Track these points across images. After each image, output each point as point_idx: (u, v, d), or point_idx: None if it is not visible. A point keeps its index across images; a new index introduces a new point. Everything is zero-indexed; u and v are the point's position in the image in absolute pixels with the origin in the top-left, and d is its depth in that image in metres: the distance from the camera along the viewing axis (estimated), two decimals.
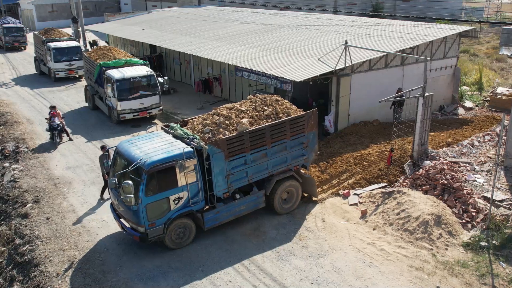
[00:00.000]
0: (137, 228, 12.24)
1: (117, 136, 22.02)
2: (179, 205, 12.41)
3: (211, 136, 12.84)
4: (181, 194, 12.35)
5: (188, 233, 12.97)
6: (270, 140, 13.40)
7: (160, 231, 12.34)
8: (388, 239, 13.01)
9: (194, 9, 42.54)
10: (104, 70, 23.73)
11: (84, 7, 66.30)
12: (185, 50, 26.44)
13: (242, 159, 13.06)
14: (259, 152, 13.30)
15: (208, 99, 27.36)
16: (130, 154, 12.47)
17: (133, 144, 12.99)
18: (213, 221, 13.09)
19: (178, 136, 13.12)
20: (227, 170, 12.84)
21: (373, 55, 20.53)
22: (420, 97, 16.68)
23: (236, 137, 12.80)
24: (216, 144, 12.48)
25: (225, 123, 13.24)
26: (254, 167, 13.37)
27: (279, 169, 13.96)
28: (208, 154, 12.37)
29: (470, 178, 15.84)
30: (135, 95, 23.01)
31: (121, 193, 12.17)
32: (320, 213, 14.55)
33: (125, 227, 12.86)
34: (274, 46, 24.12)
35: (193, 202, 12.61)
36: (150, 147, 12.61)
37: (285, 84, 19.34)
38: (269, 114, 13.82)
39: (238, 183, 13.24)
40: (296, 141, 14.05)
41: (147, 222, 12.05)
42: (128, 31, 36.27)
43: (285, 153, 13.89)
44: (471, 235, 12.81)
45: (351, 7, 56.22)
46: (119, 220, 13.17)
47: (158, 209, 12.15)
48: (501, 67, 36.45)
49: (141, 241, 12.33)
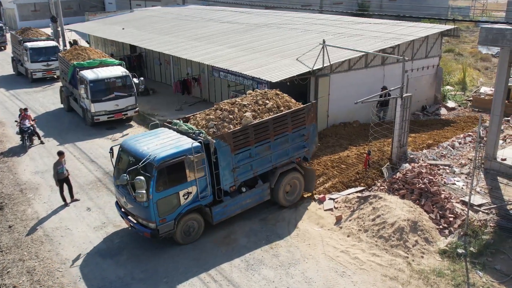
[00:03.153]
0: (148, 225, 12.16)
1: (90, 139, 21.37)
2: (188, 200, 12.44)
3: (216, 130, 12.89)
4: (190, 189, 12.38)
5: (197, 227, 12.99)
6: (273, 132, 13.57)
7: (170, 227, 12.30)
8: (363, 246, 12.50)
9: (176, 9, 41.86)
10: (78, 70, 23.06)
11: (68, 6, 65.53)
12: (163, 50, 25.79)
13: (247, 152, 13.17)
14: (263, 145, 13.44)
15: (187, 100, 26.73)
16: (137, 150, 12.40)
17: (139, 141, 12.94)
18: (221, 215, 13.14)
19: (183, 131, 13.12)
20: (233, 164, 12.91)
21: (352, 54, 20.03)
22: (398, 98, 16.22)
23: (241, 131, 12.91)
24: (222, 138, 12.55)
25: (228, 117, 13.30)
26: (259, 160, 13.50)
27: (282, 162, 14.11)
28: (215, 148, 12.42)
29: (449, 181, 15.41)
30: (110, 97, 22.36)
31: (130, 190, 12.06)
32: (294, 219, 14.02)
33: (134, 225, 12.64)
34: (252, 45, 23.57)
35: (201, 197, 12.64)
36: (157, 143, 12.56)
37: (262, 85, 18.79)
38: (271, 108, 13.94)
39: (243, 176, 13.32)
40: (297, 133, 14.21)
41: (158, 218, 11.98)
42: (108, 30, 35.51)
43: (287, 146, 14.05)
44: (448, 242, 12.34)
45: (337, 6, 55.88)
46: (127, 217, 12.98)
47: (168, 204, 12.13)
48: (485, 66, 36.26)
49: (152, 237, 12.22)
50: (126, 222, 13.20)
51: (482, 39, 13.96)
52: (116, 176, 13.14)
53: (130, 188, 12.08)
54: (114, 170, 13.44)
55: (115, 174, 13.33)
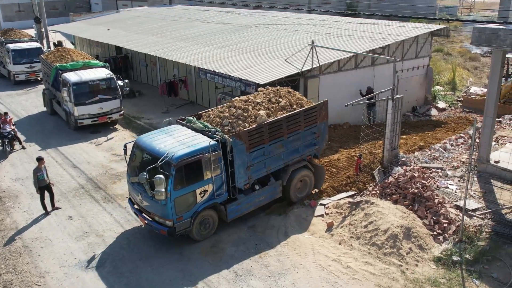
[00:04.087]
0: (165, 223, 12.12)
1: (74, 144, 20.72)
2: (204, 198, 12.45)
3: (231, 128, 12.85)
4: (206, 187, 12.40)
5: (212, 224, 12.99)
6: (287, 131, 13.60)
7: (187, 224, 12.31)
8: (355, 254, 12.06)
9: (163, 9, 41.20)
10: (60, 73, 22.39)
11: (53, 7, 64.50)
12: (150, 51, 25.20)
13: (261, 150, 13.19)
14: (276, 143, 13.48)
15: (174, 102, 26.17)
16: (154, 148, 12.37)
17: (155, 138, 12.91)
18: (235, 212, 13.18)
19: (198, 129, 13.08)
20: (248, 162, 12.94)
21: (342, 55, 19.65)
22: (389, 100, 15.84)
23: (256, 129, 12.92)
24: (238, 136, 12.55)
25: (243, 115, 13.26)
26: (272, 158, 13.56)
27: (293, 159, 14.15)
28: (231, 146, 12.43)
29: (442, 184, 15.05)
30: (94, 99, 21.73)
31: (148, 189, 11.94)
32: (284, 226, 13.55)
33: (149, 222, 12.53)
34: (240, 46, 23.08)
35: (217, 195, 12.68)
36: (173, 141, 12.55)
37: (250, 87, 18.32)
38: (284, 106, 13.97)
39: (257, 174, 13.35)
40: (309, 131, 14.26)
41: (175, 216, 11.99)
42: (93, 31, 34.81)
43: (299, 143, 14.10)
44: (443, 249, 11.94)
45: (325, 6, 55.54)
46: (141, 215, 12.89)
47: (185, 202, 12.14)
48: (474, 66, 36.11)
49: (169, 235, 12.16)
50: (140, 220, 13.16)
51: (475, 39, 13.61)
52: (130, 173, 13.14)
53: (148, 186, 11.95)
54: (128, 168, 13.36)
55: (128, 172, 13.31)
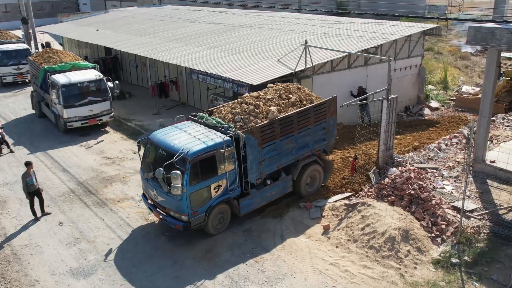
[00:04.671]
0: (180, 217, 12.36)
1: (63, 147, 20.32)
2: (219, 193, 12.69)
3: (243, 124, 13.08)
4: (220, 182, 12.64)
5: (226, 218, 13.23)
6: (297, 126, 13.80)
7: (202, 219, 12.54)
8: (353, 258, 11.87)
9: (153, 9, 40.81)
10: (49, 74, 21.97)
11: (40, 7, 63.79)
12: (140, 52, 24.86)
13: (273, 146, 13.40)
14: (287, 139, 13.69)
15: (165, 104, 25.85)
16: (169, 144, 12.61)
17: (169, 134, 13.14)
18: (248, 206, 13.42)
19: (210, 125, 13.33)
20: (260, 157, 13.13)
21: (335, 55, 19.48)
22: (384, 100, 15.67)
23: (268, 125, 13.12)
24: (251, 132, 12.74)
25: (254, 111, 13.45)
26: (283, 153, 13.76)
27: (303, 154, 14.36)
28: (244, 142, 12.66)
29: (438, 185, 14.91)
30: (83, 102, 21.36)
31: (164, 184, 12.13)
32: (279, 229, 13.31)
33: (165, 217, 12.76)
34: (232, 46, 22.83)
35: (231, 189, 12.94)
36: (187, 137, 12.78)
37: (242, 88, 18.08)
38: (294, 102, 14.15)
39: (269, 169, 13.56)
40: (318, 126, 14.47)
41: (191, 210, 12.21)
42: (82, 32, 34.34)
43: (309, 139, 14.32)
44: (441, 251, 11.78)
45: (315, 6, 55.40)
46: (156, 210, 13.13)
47: (200, 197, 12.37)
48: (465, 65, 36.19)
49: (185, 229, 12.41)
50: (155, 215, 13.36)
51: (471, 38, 13.48)
52: (144, 169, 13.36)
53: (164, 182, 12.10)
54: (142, 164, 13.57)
55: (142, 168, 13.51)
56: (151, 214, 14.32)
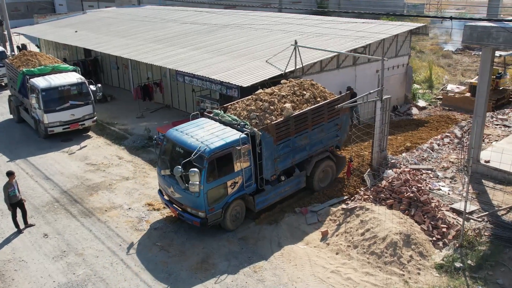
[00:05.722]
0: (197, 214, 12.43)
1: (45, 153, 19.52)
2: (235, 190, 12.76)
3: (258, 121, 13.12)
4: (236, 179, 12.71)
5: (241, 212, 13.28)
6: (311, 123, 13.90)
7: (218, 215, 12.63)
8: (354, 265, 11.51)
9: (132, 9, 39.93)
10: (28, 78, 21.12)
11: (15, 8, 62.04)
12: (122, 53, 24.09)
13: (288, 142, 13.51)
14: (301, 135, 13.80)
15: (149, 107, 25.18)
16: (186, 142, 12.67)
17: (185, 131, 13.16)
18: (263, 202, 13.50)
19: (226, 122, 13.38)
20: (275, 154, 13.24)
21: (324, 55, 19.13)
22: (378, 101, 15.39)
23: (283, 122, 13.22)
24: (267, 130, 12.81)
25: (270, 108, 13.50)
26: (297, 149, 13.87)
27: (317, 151, 14.48)
28: (260, 139, 12.67)
29: (434, 187, 14.70)
30: (64, 106, 20.57)
31: (181, 182, 12.15)
32: (276, 236, 12.88)
33: (182, 213, 12.86)
34: (218, 47, 22.29)
35: (246, 186, 12.98)
36: (204, 134, 12.84)
37: (231, 90, 17.59)
38: (308, 98, 14.26)
39: (283, 165, 13.69)
40: (332, 123, 14.61)
41: (208, 207, 12.28)
42: (60, 33, 33.30)
43: (322, 135, 14.45)
44: (444, 255, 11.50)
45: (296, 5, 55.20)
46: (172, 206, 13.24)
47: (217, 194, 12.44)
48: (447, 63, 36.34)
49: (202, 225, 12.48)
50: (172, 211, 13.46)
51: (466, 37, 13.26)
52: (161, 166, 13.39)
53: (182, 180, 12.11)
54: (159, 160, 13.70)
55: (159, 164, 13.59)
56: (141, 223, 13.78)
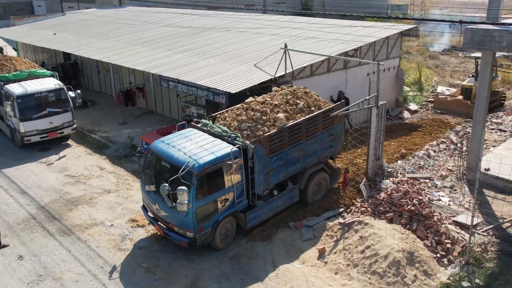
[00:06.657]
0: (185, 233, 11.56)
1: (21, 164, 18.40)
2: (225, 207, 11.96)
3: (250, 133, 12.43)
4: (227, 195, 11.91)
5: (231, 230, 12.46)
6: (305, 134, 13.25)
7: (208, 235, 11.80)
8: (355, 285, 10.75)
9: (113, 11, 38.75)
10: (2, 84, 19.98)
11: None
12: (103, 57, 23.05)
13: (281, 155, 12.80)
14: (295, 147, 13.10)
15: (132, 112, 24.15)
16: (173, 156, 11.73)
17: (171, 144, 12.22)
18: (255, 219, 12.73)
19: (216, 134, 12.52)
20: (267, 167, 12.52)
21: (314, 59, 18.38)
22: (373, 107, 14.68)
23: (277, 134, 12.52)
24: (259, 142, 12.09)
25: (262, 118, 12.83)
26: (291, 162, 13.17)
27: (311, 162, 13.80)
28: (252, 153, 11.95)
29: (434, 197, 14.04)
30: (42, 114, 19.46)
31: (169, 200, 11.27)
32: (270, 254, 12.07)
33: (168, 232, 11.93)
34: (203, 50, 21.40)
35: (238, 202, 12.24)
36: (192, 147, 11.93)
37: (219, 96, 16.72)
38: (302, 108, 13.62)
39: (276, 179, 12.99)
40: (326, 133, 14.02)
41: (197, 227, 11.44)
42: (38, 36, 32.02)
43: (316, 146, 13.79)
44: (450, 274, 10.82)
45: (280, 6, 54.48)
46: (157, 223, 12.32)
47: (206, 212, 11.61)
48: (435, 64, 35.97)
49: (190, 246, 11.65)
50: (156, 229, 12.53)
51: (468, 41, 12.62)
52: (145, 181, 12.42)
53: (169, 198, 11.25)
54: (142, 175, 12.70)
55: (143, 179, 12.63)
56: (124, 242, 12.85)
